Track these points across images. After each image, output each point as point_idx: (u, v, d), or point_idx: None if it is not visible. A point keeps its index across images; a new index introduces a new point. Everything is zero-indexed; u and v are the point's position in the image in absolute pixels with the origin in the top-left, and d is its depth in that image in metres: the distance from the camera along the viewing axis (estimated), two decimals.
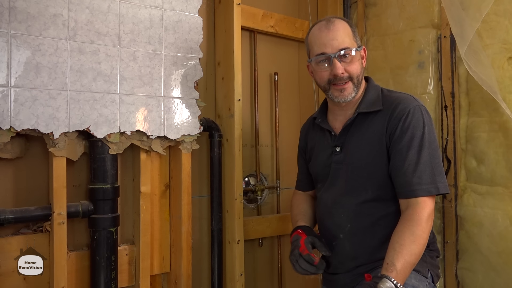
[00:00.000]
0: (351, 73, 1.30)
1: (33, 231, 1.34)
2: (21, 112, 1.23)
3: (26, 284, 1.30)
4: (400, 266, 1.12)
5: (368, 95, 1.35)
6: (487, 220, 1.63)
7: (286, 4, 2.03)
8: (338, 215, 1.34)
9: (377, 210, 1.29)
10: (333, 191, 1.37)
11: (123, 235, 1.52)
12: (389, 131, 1.27)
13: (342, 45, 1.28)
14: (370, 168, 1.29)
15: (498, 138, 1.60)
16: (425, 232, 1.18)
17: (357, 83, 1.32)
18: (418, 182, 1.21)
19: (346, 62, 1.29)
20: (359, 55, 1.32)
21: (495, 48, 1.60)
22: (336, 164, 1.36)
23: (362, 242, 1.30)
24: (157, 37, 1.49)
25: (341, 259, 1.35)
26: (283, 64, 2.00)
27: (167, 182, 1.60)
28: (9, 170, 1.31)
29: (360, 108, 1.33)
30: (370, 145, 1.30)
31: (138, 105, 1.44)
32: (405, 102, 1.29)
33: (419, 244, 1.17)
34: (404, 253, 1.14)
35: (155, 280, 1.59)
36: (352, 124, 1.35)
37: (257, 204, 1.90)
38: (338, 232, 1.34)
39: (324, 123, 1.42)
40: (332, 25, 1.30)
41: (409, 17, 1.89)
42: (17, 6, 1.23)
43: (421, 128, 1.25)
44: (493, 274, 1.61)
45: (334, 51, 1.28)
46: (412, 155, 1.23)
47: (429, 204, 1.21)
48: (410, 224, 1.18)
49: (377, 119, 1.31)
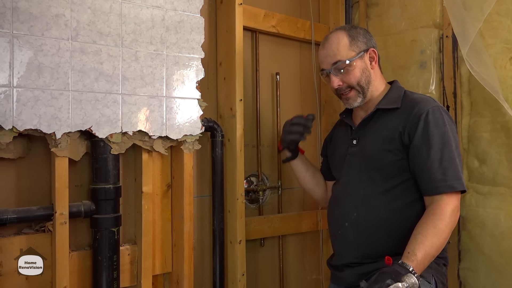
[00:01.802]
0: (348, 82, 1.40)
1: (35, 231, 1.34)
2: (24, 112, 1.23)
3: (28, 283, 1.30)
4: (420, 257, 1.14)
5: (390, 94, 1.42)
6: (489, 220, 1.63)
7: (288, 4, 2.03)
8: (346, 203, 1.39)
9: (385, 203, 1.31)
10: (345, 181, 1.44)
11: (125, 235, 1.52)
12: (408, 128, 1.30)
13: (334, 59, 1.40)
14: (381, 161, 1.33)
15: (500, 138, 1.60)
16: (448, 227, 1.20)
17: (361, 89, 1.40)
18: (442, 179, 1.23)
19: (343, 74, 1.40)
20: (359, 62, 1.39)
21: (497, 48, 1.60)
22: (351, 156, 1.43)
23: (365, 232, 1.33)
24: (159, 37, 1.49)
25: (344, 247, 1.39)
26: (285, 64, 2.00)
27: (169, 182, 1.60)
28: (12, 170, 1.31)
29: (380, 104, 1.39)
30: (385, 139, 1.34)
31: (140, 105, 1.44)
32: (425, 102, 1.33)
33: (441, 238, 1.19)
34: (425, 244, 1.16)
35: (157, 280, 1.59)
36: (370, 119, 1.41)
37: (259, 204, 1.90)
38: (344, 221, 1.38)
39: (347, 119, 1.52)
40: (327, 43, 1.44)
41: (411, 17, 1.89)
42: (19, 7, 1.23)
43: (442, 126, 1.27)
44: (495, 274, 1.61)
45: (328, 66, 1.42)
46: (435, 153, 1.25)
47: (453, 200, 1.22)
48: (433, 218, 1.20)
49: (395, 116, 1.35)
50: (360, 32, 1.44)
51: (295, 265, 2.02)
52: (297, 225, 1.95)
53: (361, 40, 1.41)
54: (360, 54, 1.39)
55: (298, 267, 2.03)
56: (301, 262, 2.04)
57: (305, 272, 2.05)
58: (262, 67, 1.90)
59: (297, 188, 2.01)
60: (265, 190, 1.90)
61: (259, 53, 1.88)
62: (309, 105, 2.08)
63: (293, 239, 2.00)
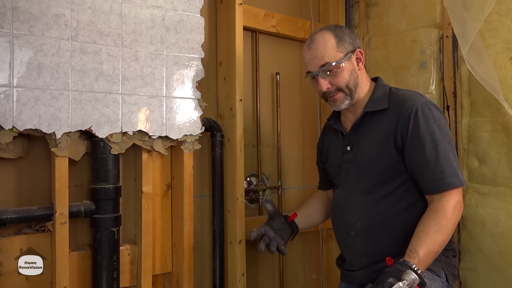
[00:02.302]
0: (337, 85, 1.35)
1: (35, 231, 1.34)
2: (24, 112, 1.23)
3: (28, 283, 1.30)
4: (422, 254, 1.14)
5: (375, 94, 1.39)
6: (489, 220, 1.63)
7: (288, 4, 2.03)
8: (349, 213, 1.38)
9: (387, 208, 1.30)
10: (344, 189, 1.42)
11: (125, 235, 1.52)
12: (399, 129, 1.29)
13: (322, 61, 1.34)
14: (378, 166, 1.32)
15: (500, 138, 1.60)
16: (450, 223, 1.20)
17: (349, 91, 1.37)
18: (440, 177, 1.23)
19: (331, 76, 1.35)
20: (347, 64, 1.35)
21: (497, 47, 1.60)
22: (347, 163, 1.41)
23: (372, 239, 1.32)
24: (159, 37, 1.49)
25: (354, 256, 1.38)
26: (284, 64, 2.00)
27: (169, 182, 1.60)
28: (12, 170, 1.31)
29: (367, 107, 1.37)
30: (379, 143, 1.32)
31: (140, 105, 1.44)
32: (412, 99, 1.31)
33: (444, 234, 1.18)
34: (427, 241, 1.16)
35: (156, 280, 1.59)
36: (361, 123, 1.38)
37: (259, 204, 1.90)
38: (349, 230, 1.37)
39: (336, 124, 1.48)
40: (312, 44, 1.37)
41: (411, 17, 1.89)
42: (19, 6, 1.23)
43: (433, 122, 1.26)
44: (495, 274, 1.61)
45: (315, 69, 1.36)
46: (429, 151, 1.24)
47: (454, 196, 1.22)
48: (435, 215, 1.20)
49: (385, 117, 1.33)
50: (345, 32, 1.39)
51: (295, 265, 2.02)
52: None
53: (348, 41, 1.37)
54: (348, 56, 1.35)
55: (298, 267, 2.03)
56: (301, 262, 2.04)
57: (305, 272, 2.05)
58: (262, 67, 1.90)
59: (297, 188, 2.01)
60: (265, 190, 1.90)
61: (259, 53, 1.88)
62: (309, 105, 2.08)
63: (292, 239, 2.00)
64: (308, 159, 2.04)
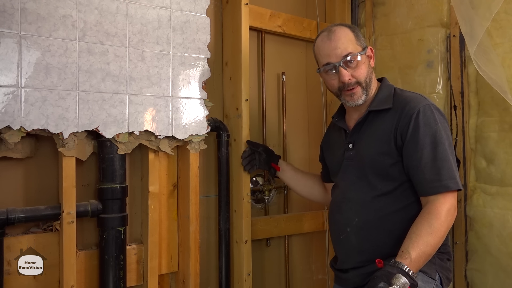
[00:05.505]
0: (358, 78, 1.34)
1: (43, 230, 1.35)
2: (31, 112, 1.24)
3: (36, 282, 1.31)
4: (414, 255, 1.14)
5: (380, 94, 1.39)
6: (497, 220, 1.61)
7: (294, 4, 2.02)
8: (347, 209, 1.37)
9: (385, 206, 1.30)
10: (343, 186, 1.42)
11: (131, 234, 1.53)
12: (400, 130, 1.29)
13: (345, 51, 1.32)
14: (378, 164, 1.32)
15: (508, 138, 1.59)
16: (444, 226, 1.19)
17: (366, 86, 1.36)
18: (436, 179, 1.22)
19: (352, 68, 1.33)
20: (365, 58, 1.36)
21: (505, 47, 1.58)
22: (348, 160, 1.41)
23: (368, 236, 1.32)
24: (165, 38, 1.49)
25: (347, 252, 1.38)
26: (290, 64, 2.00)
27: (175, 182, 1.61)
28: (20, 170, 1.32)
29: (371, 106, 1.37)
30: (380, 142, 1.32)
31: (147, 105, 1.45)
32: (415, 101, 1.31)
33: (436, 237, 1.18)
34: (420, 243, 1.15)
35: (163, 280, 1.60)
36: (364, 122, 1.38)
37: (265, 204, 1.90)
38: (346, 226, 1.37)
39: (340, 122, 1.47)
40: (333, 35, 1.35)
41: (417, 16, 1.88)
42: (27, 8, 1.24)
43: (434, 125, 1.26)
44: (503, 275, 1.60)
45: (338, 59, 1.33)
46: (427, 153, 1.24)
47: (448, 199, 1.22)
48: (428, 217, 1.20)
49: (387, 117, 1.33)
50: (358, 30, 1.41)
51: (301, 265, 2.01)
52: (303, 225, 1.94)
53: (361, 38, 1.39)
54: (365, 50, 1.36)
55: (304, 267, 2.03)
56: (307, 262, 2.04)
57: (311, 272, 2.05)
58: (268, 67, 1.90)
59: None
60: (271, 190, 1.90)
61: (265, 53, 1.88)
62: (315, 105, 2.07)
63: (298, 239, 2.00)
64: (314, 159, 2.03)
